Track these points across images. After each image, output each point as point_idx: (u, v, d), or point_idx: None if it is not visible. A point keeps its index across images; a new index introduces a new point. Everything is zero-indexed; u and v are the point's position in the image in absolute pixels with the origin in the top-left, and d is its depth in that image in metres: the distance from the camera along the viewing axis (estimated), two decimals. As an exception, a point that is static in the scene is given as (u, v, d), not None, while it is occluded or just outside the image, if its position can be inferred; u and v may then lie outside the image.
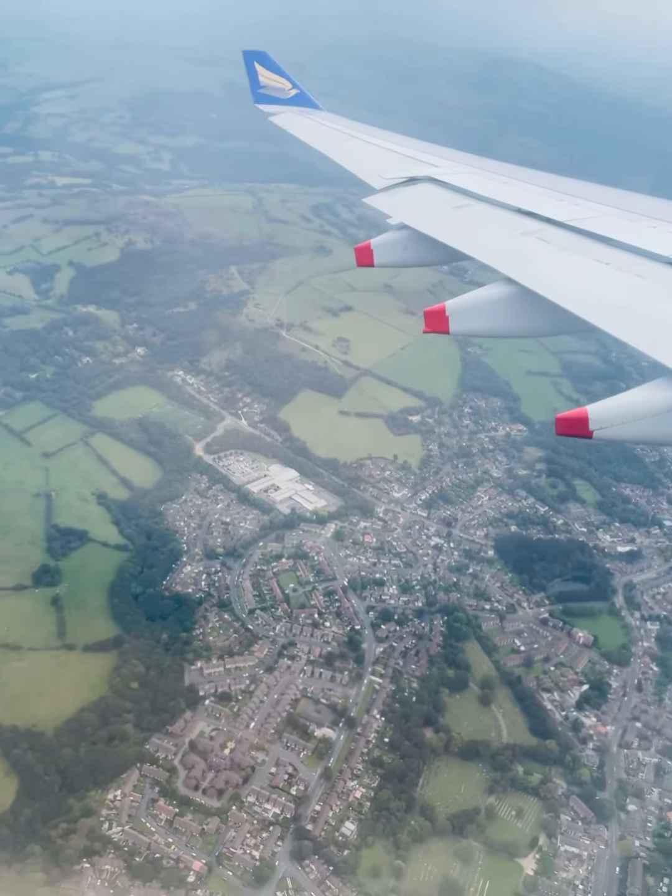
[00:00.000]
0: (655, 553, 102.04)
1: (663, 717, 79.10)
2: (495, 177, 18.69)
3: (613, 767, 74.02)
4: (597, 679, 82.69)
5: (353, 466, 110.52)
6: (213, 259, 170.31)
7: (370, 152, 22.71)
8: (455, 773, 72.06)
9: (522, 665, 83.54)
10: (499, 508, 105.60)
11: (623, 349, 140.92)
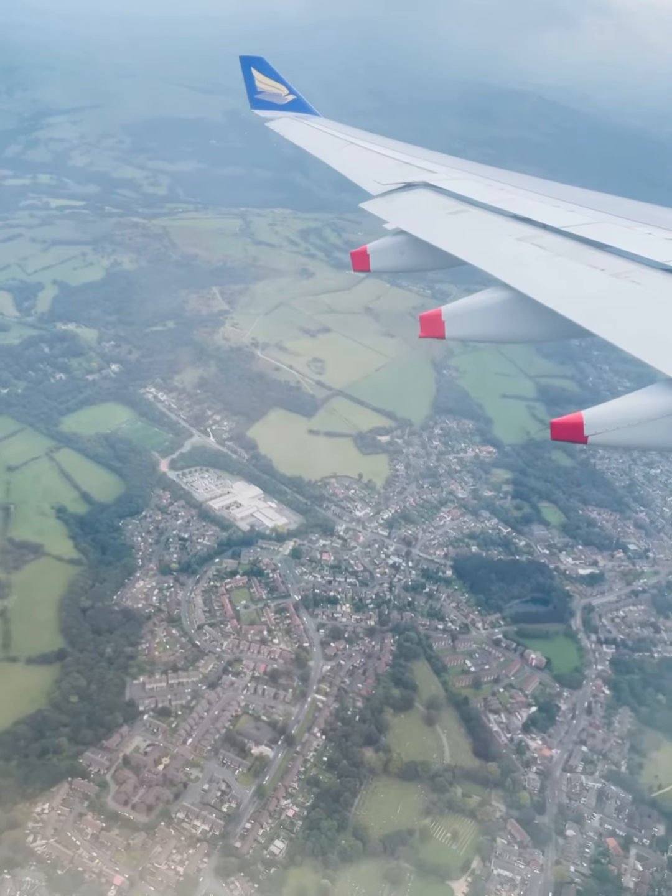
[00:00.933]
0: (618, 576, 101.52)
1: (611, 742, 78.23)
2: (492, 183, 18.82)
3: (555, 791, 73.08)
4: (546, 701, 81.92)
5: (318, 485, 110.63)
6: (196, 280, 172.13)
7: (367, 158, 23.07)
8: (393, 793, 71.23)
9: (471, 686, 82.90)
10: (461, 529, 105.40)
11: (600, 374, 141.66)
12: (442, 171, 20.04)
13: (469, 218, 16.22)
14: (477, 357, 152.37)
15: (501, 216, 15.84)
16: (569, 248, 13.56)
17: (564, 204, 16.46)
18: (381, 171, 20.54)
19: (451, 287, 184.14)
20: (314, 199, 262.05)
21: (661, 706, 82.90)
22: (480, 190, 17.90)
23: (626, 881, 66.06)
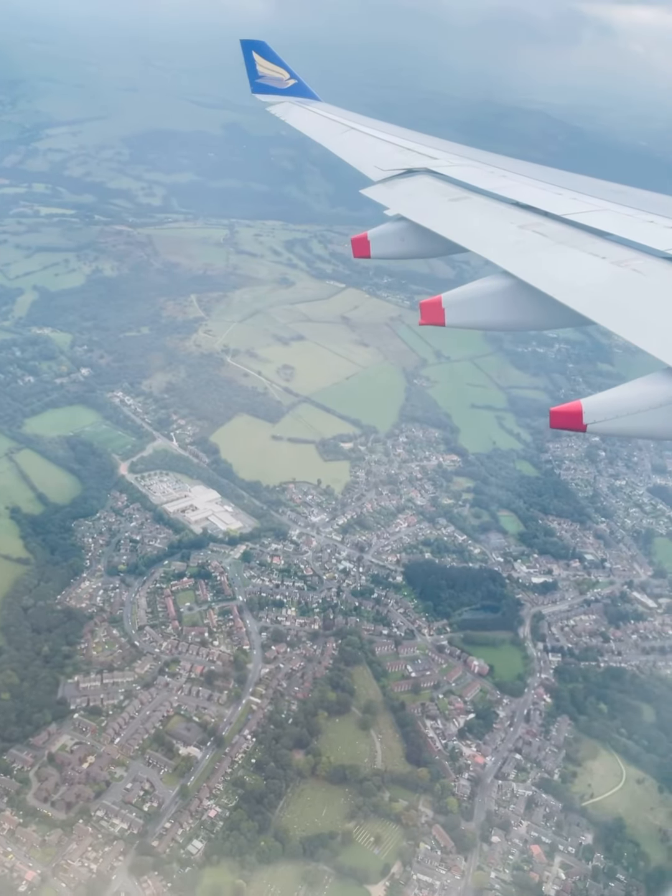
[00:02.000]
0: (571, 586, 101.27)
1: (546, 750, 77.86)
2: (493, 170, 18.65)
3: (485, 798, 72.63)
4: (485, 708, 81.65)
5: (276, 490, 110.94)
6: (175, 287, 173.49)
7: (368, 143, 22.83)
8: (319, 796, 71.01)
9: (410, 691, 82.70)
10: (416, 536, 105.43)
11: (573, 386, 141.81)
12: (443, 157, 20.07)
13: (470, 205, 16.19)
14: (450, 368, 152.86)
15: (503, 203, 15.80)
16: (570, 235, 13.46)
17: (566, 191, 16.40)
18: (381, 156, 20.63)
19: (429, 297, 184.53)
20: (308, 211, 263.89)
21: (602, 715, 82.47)
22: (482, 177, 17.90)
23: (547, 889, 65.56)
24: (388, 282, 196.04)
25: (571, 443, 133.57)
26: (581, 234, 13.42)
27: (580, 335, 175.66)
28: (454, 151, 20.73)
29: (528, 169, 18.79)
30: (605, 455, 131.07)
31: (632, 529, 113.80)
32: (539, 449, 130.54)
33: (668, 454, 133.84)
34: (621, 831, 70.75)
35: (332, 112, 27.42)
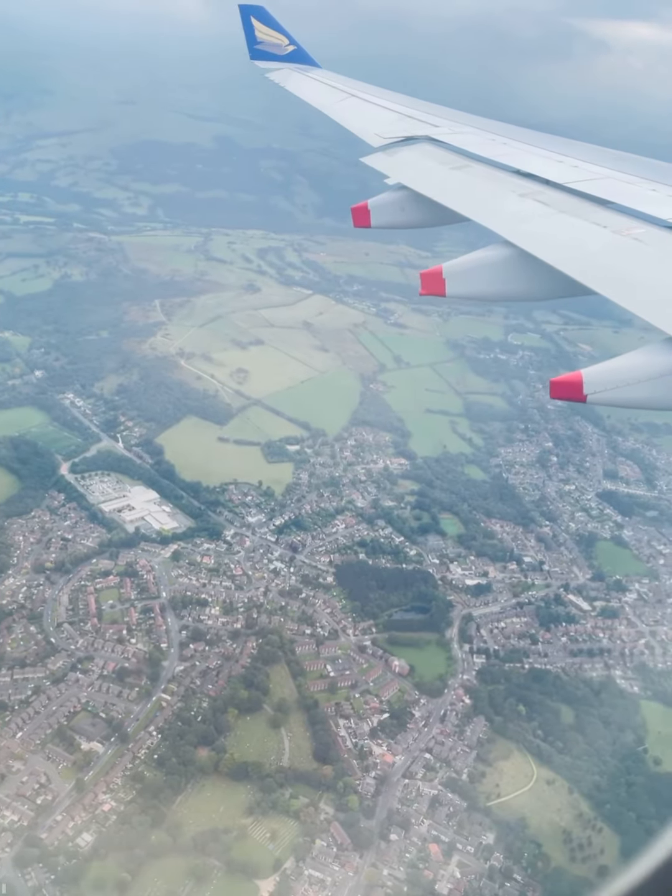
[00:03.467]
0: (506, 588, 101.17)
1: (458, 750, 77.61)
2: (495, 137, 18.43)
3: (389, 797, 72.29)
4: (400, 708, 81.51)
5: (216, 491, 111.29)
6: (140, 292, 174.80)
7: (368, 110, 22.77)
8: (219, 792, 70.90)
9: (327, 690, 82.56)
10: (352, 537, 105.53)
11: (531, 393, 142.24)
12: (445, 125, 19.95)
13: (471, 173, 16.10)
14: (409, 373, 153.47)
15: (504, 171, 15.69)
16: (572, 204, 13.33)
17: (568, 159, 16.22)
18: (382, 124, 20.55)
19: (398, 306, 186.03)
20: (293, 222, 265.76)
21: (519, 717, 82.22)
22: (483, 144, 17.75)
23: (440, 887, 65.23)
24: (358, 289, 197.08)
25: (523, 448, 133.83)
26: (583, 202, 13.30)
27: (546, 342, 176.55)
28: (456, 119, 20.73)
29: (529, 136, 18.68)
30: (556, 460, 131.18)
31: (575, 533, 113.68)
32: (490, 453, 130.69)
33: (622, 460, 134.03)
34: (523, 831, 70.38)
35: (332, 79, 27.41)
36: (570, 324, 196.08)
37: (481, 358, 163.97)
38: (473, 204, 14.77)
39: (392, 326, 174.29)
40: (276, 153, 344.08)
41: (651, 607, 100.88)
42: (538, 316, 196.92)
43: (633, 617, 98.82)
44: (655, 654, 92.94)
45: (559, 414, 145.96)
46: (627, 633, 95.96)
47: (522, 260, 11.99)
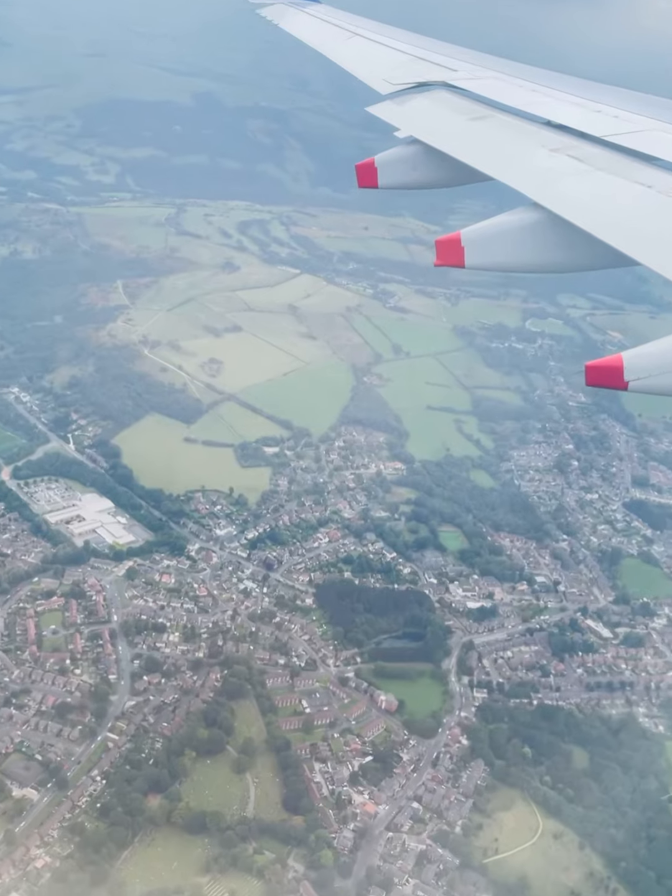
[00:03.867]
0: (514, 612, 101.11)
1: (451, 798, 77.42)
2: (522, 83, 18.19)
3: (370, 852, 72.05)
4: (386, 750, 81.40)
5: (180, 499, 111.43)
6: (101, 271, 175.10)
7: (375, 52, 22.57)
8: (172, 847, 70.72)
9: (301, 729, 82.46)
10: (337, 553, 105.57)
11: (551, 387, 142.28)
12: (463, 68, 19.74)
13: (494, 125, 15.93)
14: (409, 364, 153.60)
15: (532, 123, 15.49)
16: (611, 160, 13.21)
17: (607, 108, 15.90)
18: (391, 67, 20.39)
19: (399, 287, 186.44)
20: (284, 192, 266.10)
21: (524, 760, 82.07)
22: (508, 91, 17.57)
23: (426, 958, 64.70)
24: (354, 268, 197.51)
25: (539, 450, 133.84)
26: (624, 158, 13.16)
27: (570, 329, 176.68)
28: (476, 62, 20.52)
29: (562, 82, 18.41)
30: (577, 465, 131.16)
31: (597, 549, 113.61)
32: (500, 457, 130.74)
33: (654, 465, 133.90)
34: (525, 893, 70.01)
35: (333, 16, 27.04)
36: (600, 308, 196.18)
37: (494, 347, 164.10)
38: (496, 160, 14.62)
39: (391, 310, 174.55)
40: (265, 112, 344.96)
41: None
42: (563, 300, 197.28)
43: (662, 645, 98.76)
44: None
45: (582, 412, 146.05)
46: (654, 665, 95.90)
47: (553, 225, 11.89)
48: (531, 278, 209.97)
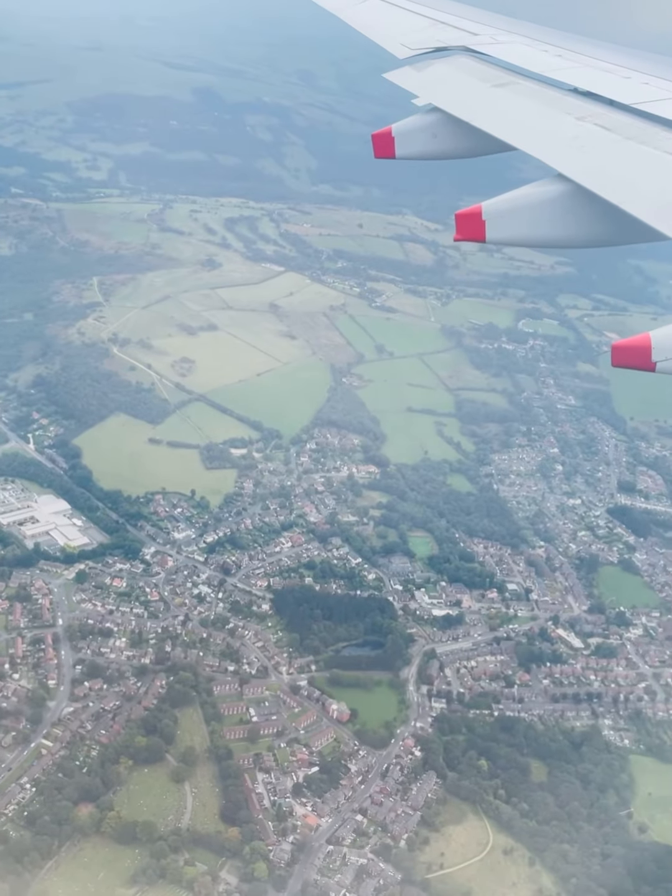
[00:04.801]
0: (482, 620, 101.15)
1: (398, 811, 77.32)
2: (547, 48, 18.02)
3: (307, 866, 72.06)
4: (334, 761, 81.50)
5: (140, 501, 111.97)
6: (78, 268, 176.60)
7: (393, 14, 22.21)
8: (101, 857, 70.93)
9: (246, 739, 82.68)
10: (299, 557, 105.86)
11: (540, 389, 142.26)
12: (486, 32, 19.63)
13: (518, 91, 15.88)
14: (391, 365, 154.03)
15: (558, 90, 15.39)
16: (640, 129, 12.99)
17: (637, 75, 15.81)
18: (409, 31, 20.15)
19: (388, 286, 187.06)
20: (281, 189, 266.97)
21: (479, 773, 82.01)
22: (533, 56, 17.47)
23: None
24: (343, 266, 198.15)
25: (523, 454, 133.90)
26: (654, 127, 12.93)
27: (565, 330, 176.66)
28: (499, 26, 20.34)
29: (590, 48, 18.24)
30: (561, 469, 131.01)
31: (575, 556, 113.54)
32: (480, 461, 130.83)
33: (643, 469, 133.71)
34: (467, 910, 69.77)
35: None
36: (601, 309, 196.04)
37: (482, 348, 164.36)
38: (520, 129, 14.44)
39: (377, 310, 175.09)
40: (266, 108, 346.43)
41: (659, 645, 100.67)
42: (564, 300, 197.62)
43: (635, 657, 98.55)
44: (656, 702, 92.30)
45: (571, 415, 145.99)
46: (625, 676, 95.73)
47: (579, 198, 11.71)
48: (531, 278, 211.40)
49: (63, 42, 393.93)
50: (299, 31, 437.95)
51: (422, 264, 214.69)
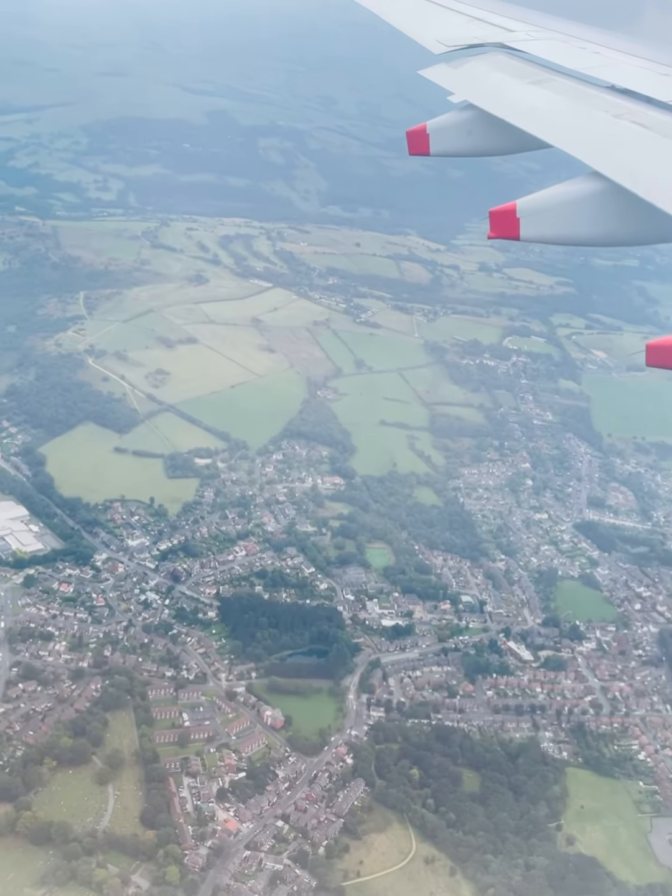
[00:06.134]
0: (432, 631, 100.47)
1: (321, 818, 76.71)
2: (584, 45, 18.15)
3: (221, 871, 71.57)
4: (262, 767, 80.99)
5: (98, 509, 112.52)
6: (67, 283, 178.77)
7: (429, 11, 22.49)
8: (12, 857, 70.85)
9: (175, 743, 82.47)
10: (252, 566, 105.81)
11: (518, 405, 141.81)
12: (522, 29, 19.81)
13: (554, 89, 15.92)
14: (369, 379, 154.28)
15: (594, 87, 15.44)
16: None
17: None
18: (446, 28, 20.25)
19: (375, 302, 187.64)
20: (288, 210, 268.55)
21: (409, 782, 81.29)
22: (569, 53, 17.56)
23: None
24: (333, 283, 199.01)
25: (493, 468, 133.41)
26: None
27: (551, 347, 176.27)
28: (535, 23, 20.53)
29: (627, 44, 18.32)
30: (531, 484, 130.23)
31: (535, 570, 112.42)
32: (450, 475, 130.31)
33: (615, 485, 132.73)
34: (379, 918, 68.84)
35: None
36: (594, 328, 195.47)
37: (463, 364, 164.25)
38: (555, 127, 14.41)
39: (361, 325, 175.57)
40: (280, 131, 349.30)
41: (610, 659, 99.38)
42: (558, 319, 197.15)
43: (585, 670, 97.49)
44: (601, 715, 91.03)
45: (546, 431, 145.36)
46: (572, 689, 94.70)
47: (616, 197, 11.71)
48: (528, 298, 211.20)
49: (86, 68, 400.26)
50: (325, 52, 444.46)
51: (417, 283, 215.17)
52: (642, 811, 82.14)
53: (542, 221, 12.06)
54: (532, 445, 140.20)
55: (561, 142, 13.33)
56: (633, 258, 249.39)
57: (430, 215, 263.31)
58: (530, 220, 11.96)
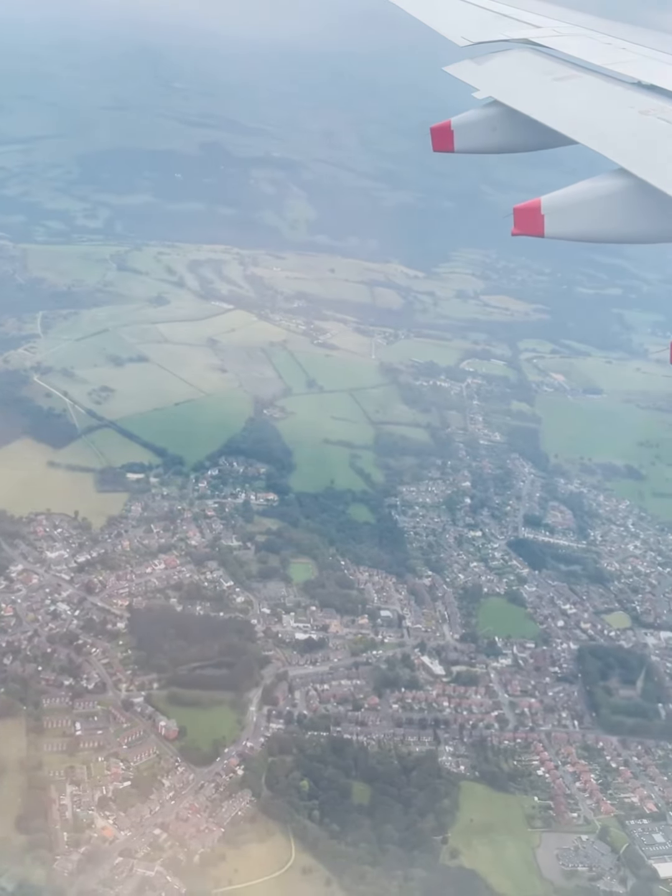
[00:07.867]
0: (346, 645, 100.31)
1: (201, 827, 76.59)
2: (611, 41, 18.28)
3: (90, 877, 71.27)
4: (149, 776, 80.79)
5: (21, 521, 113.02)
6: (27, 303, 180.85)
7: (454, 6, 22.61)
8: None
9: (64, 751, 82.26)
10: (169, 579, 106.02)
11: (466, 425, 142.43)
12: (548, 25, 19.96)
13: (580, 85, 15.99)
14: (319, 399, 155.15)
15: (621, 83, 15.56)
16: None
17: None
18: (471, 23, 20.41)
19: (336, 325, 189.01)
20: (273, 238, 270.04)
21: (298, 794, 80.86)
22: (596, 50, 17.70)
23: None
24: (298, 306, 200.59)
25: (432, 487, 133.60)
26: None
27: (509, 370, 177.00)
28: (562, 19, 20.63)
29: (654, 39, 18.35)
30: (469, 503, 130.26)
31: (461, 586, 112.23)
32: (387, 492, 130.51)
33: (555, 504, 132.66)
34: (244, 926, 68.30)
35: None
36: (560, 353, 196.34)
37: (416, 385, 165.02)
38: (582, 123, 14.41)
39: (318, 346, 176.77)
40: (273, 163, 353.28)
41: (524, 675, 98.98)
42: (526, 344, 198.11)
43: (497, 685, 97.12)
44: (505, 730, 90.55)
45: (492, 451, 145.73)
46: (480, 704, 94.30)
47: (642, 194, 11.72)
48: (500, 324, 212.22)
49: (88, 101, 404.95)
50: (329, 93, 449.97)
51: (387, 307, 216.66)
52: (533, 826, 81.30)
53: (567, 218, 12.07)
54: (475, 465, 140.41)
55: (586, 138, 13.34)
56: (617, 287, 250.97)
57: (416, 244, 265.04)
58: (555, 217, 11.93)
